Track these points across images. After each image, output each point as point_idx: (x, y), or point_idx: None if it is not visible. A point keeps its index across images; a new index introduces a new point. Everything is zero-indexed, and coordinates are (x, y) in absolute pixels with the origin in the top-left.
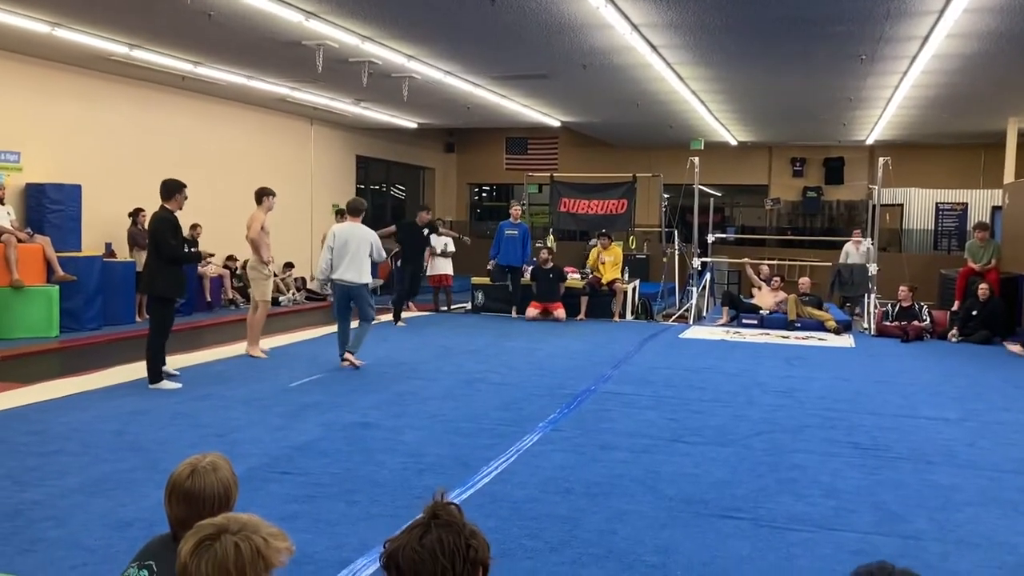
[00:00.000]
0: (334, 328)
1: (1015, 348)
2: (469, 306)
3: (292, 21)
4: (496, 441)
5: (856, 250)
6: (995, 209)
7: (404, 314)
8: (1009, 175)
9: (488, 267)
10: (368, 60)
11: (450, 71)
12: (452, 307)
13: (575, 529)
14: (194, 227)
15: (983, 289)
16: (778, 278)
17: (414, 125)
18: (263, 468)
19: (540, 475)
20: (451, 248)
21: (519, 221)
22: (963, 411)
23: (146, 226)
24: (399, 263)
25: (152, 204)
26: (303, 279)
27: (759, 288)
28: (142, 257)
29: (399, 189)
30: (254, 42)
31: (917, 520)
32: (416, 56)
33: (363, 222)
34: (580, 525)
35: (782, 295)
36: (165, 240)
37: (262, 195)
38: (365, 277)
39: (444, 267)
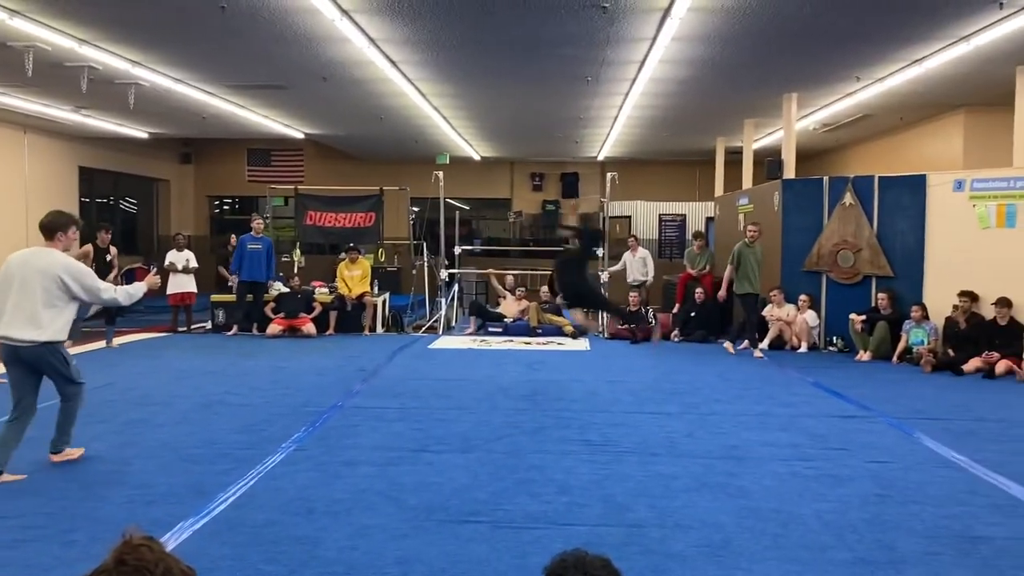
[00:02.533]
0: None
1: (728, 346)
2: (209, 325)
3: None
4: (235, 465)
5: (633, 256)
6: (708, 220)
7: (124, 339)
8: (719, 189)
9: (229, 284)
10: (87, 64)
11: (181, 79)
12: (192, 327)
13: (316, 549)
14: None
15: (699, 293)
16: (522, 288)
17: (145, 135)
18: None
19: (281, 497)
20: (193, 263)
21: (262, 235)
22: (683, 405)
23: None
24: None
25: None
26: None
27: (504, 297)
28: None
29: (130, 203)
30: None
31: (640, 509)
32: (142, 62)
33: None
34: (321, 544)
35: (525, 303)
36: None
37: None
38: (48, 332)
39: (186, 284)
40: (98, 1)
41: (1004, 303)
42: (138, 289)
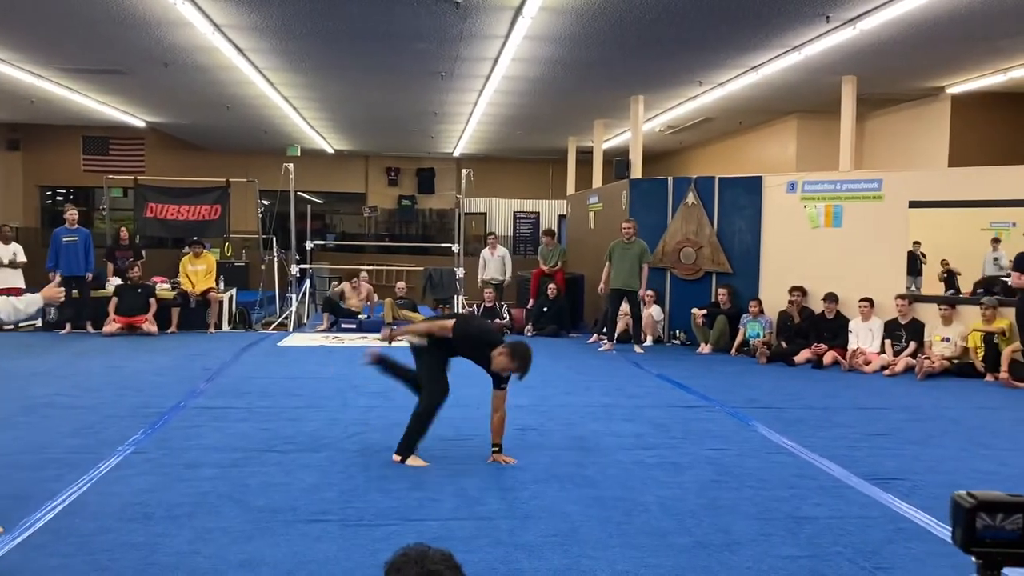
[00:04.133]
0: None
1: (606, 347)
2: (40, 323)
3: None
4: (65, 471)
5: (492, 255)
6: (561, 217)
7: None
8: (571, 188)
9: (51, 278)
10: None
11: (5, 59)
12: (20, 325)
13: (153, 555)
14: None
15: (552, 288)
16: (356, 277)
17: None
18: None
19: (116, 503)
20: (21, 257)
21: (77, 226)
22: (534, 398)
23: None
24: None
25: None
26: None
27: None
28: None
29: None
30: None
31: (491, 501)
32: None
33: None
34: (159, 550)
35: (366, 288)
36: None
37: None
38: None
39: (12, 279)
40: None
41: (831, 298)
42: (31, 304)
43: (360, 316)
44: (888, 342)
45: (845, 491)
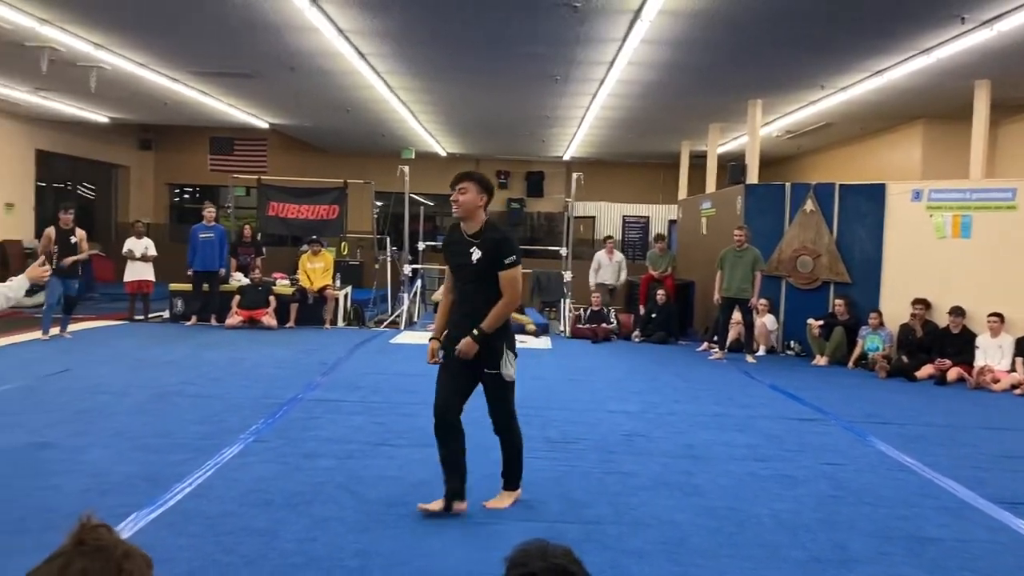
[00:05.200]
0: (13, 338)
1: (716, 355)
2: (167, 314)
3: None
4: (192, 456)
5: (609, 260)
6: (671, 223)
7: (79, 326)
8: (683, 192)
9: (188, 274)
10: (48, 46)
11: (145, 63)
12: (150, 316)
13: (274, 540)
14: None
15: (661, 295)
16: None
17: (106, 119)
18: None
19: (238, 488)
20: (152, 252)
21: (214, 223)
22: (642, 404)
23: None
24: None
25: None
26: None
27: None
28: None
29: (87, 188)
30: None
31: (599, 506)
32: (105, 45)
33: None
34: (279, 536)
35: None
36: None
37: None
38: None
39: (144, 272)
40: None
41: (958, 312)
42: (16, 289)
43: None
44: (1020, 360)
45: (971, 513)
